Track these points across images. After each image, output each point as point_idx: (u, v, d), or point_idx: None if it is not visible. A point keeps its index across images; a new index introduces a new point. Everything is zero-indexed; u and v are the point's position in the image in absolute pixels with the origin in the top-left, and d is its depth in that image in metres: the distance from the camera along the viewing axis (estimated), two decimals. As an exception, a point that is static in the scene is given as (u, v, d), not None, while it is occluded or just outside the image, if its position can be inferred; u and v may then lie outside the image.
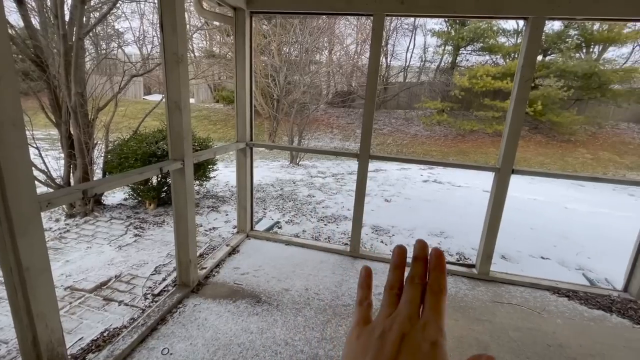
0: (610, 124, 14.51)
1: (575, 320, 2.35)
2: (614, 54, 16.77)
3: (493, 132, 13.83)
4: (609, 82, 13.67)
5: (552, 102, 13.55)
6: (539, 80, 15.11)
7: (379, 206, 5.09)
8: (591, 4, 2.36)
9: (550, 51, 15.79)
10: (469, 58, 17.94)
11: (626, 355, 2.04)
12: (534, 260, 3.49)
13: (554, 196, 6.37)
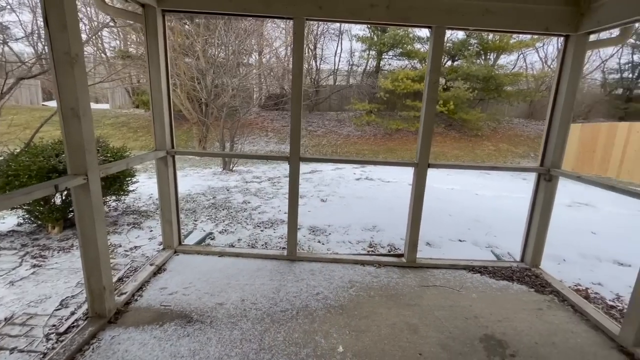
0: (506, 120, 17.06)
1: (486, 293, 2.68)
2: (505, 60, 19.73)
3: (416, 130, 15.15)
4: (502, 85, 16.04)
5: (461, 102, 15.35)
6: (450, 82, 17.05)
7: (315, 207, 5.17)
8: (480, 17, 2.73)
9: (457, 57, 17.90)
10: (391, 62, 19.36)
11: (525, 315, 2.39)
12: (452, 243, 3.90)
13: (467, 185, 7.23)
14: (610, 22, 2.46)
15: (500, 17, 2.72)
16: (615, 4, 2.39)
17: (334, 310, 2.36)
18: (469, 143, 14.92)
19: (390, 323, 2.25)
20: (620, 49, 17.93)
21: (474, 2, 2.70)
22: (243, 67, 11.76)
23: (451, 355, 1.98)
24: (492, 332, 2.20)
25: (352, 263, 3.08)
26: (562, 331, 2.24)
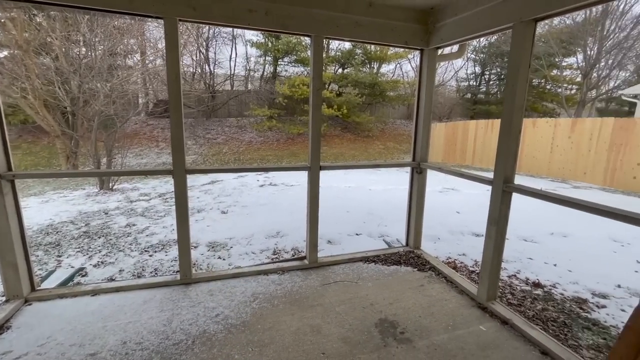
0: (391, 121, 19.41)
1: (380, 280, 2.93)
2: (386, 69, 22.48)
3: (315, 133, 15.87)
4: (385, 90, 18.21)
5: (353, 106, 16.76)
6: (342, 89, 18.46)
7: (215, 220, 4.85)
8: (353, 28, 2.97)
9: (346, 65, 19.51)
10: (287, 68, 19.84)
11: (411, 294, 2.70)
12: (351, 238, 4.18)
13: (361, 182, 7.92)
14: (450, 39, 2.98)
15: (369, 30, 3.02)
16: (452, 25, 2.92)
17: (235, 329, 2.22)
18: (363, 143, 16.42)
19: (294, 329, 2.24)
20: (466, 62, 22.48)
21: (347, 15, 2.93)
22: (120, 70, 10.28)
23: (351, 347, 2.08)
24: (385, 315, 2.41)
25: (255, 274, 2.98)
26: (438, 301, 2.61)
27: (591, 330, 2.42)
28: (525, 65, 2.29)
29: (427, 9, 3.10)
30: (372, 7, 2.96)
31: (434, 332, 2.23)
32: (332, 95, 16.39)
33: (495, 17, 2.45)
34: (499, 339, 2.18)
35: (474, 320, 2.37)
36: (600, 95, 18.65)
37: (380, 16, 3.00)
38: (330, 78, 17.83)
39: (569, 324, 2.48)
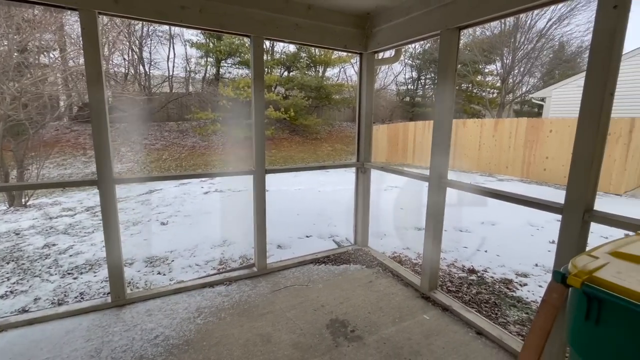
0: (337, 124, 19.89)
1: (330, 280, 2.95)
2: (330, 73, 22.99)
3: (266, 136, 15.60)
4: (331, 93, 18.61)
5: (300, 109, 16.83)
6: (289, 91, 18.45)
7: (153, 233, 4.47)
8: (292, 30, 2.96)
9: (292, 69, 19.54)
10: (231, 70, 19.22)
11: (360, 291, 2.76)
12: (301, 240, 4.16)
13: (311, 184, 7.96)
14: (386, 44, 3.12)
15: (308, 33, 3.03)
16: (387, 31, 3.06)
17: (178, 350, 2.05)
18: (312, 145, 16.56)
19: (243, 341, 2.13)
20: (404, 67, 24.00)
21: (286, 16, 2.91)
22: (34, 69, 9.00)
23: (303, 352, 2.04)
24: (336, 315, 2.42)
25: (199, 288, 2.79)
26: (386, 295, 2.71)
27: (516, 307, 2.71)
28: (452, 69, 2.48)
29: (364, 14, 3.21)
30: (311, 10, 2.98)
31: (383, 326, 2.30)
32: (279, 98, 16.27)
33: (425, 25, 2.62)
34: (440, 325, 2.32)
35: (418, 310, 2.50)
36: (516, 98, 21.25)
37: (319, 19, 3.03)
38: (276, 81, 17.69)
39: (498, 304, 2.75)
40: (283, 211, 5.38)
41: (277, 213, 5.23)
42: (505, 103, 20.25)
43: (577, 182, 1.74)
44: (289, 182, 7.99)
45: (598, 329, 1.05)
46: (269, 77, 16.92)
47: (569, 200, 1.77)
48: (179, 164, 12.66)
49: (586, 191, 1.71)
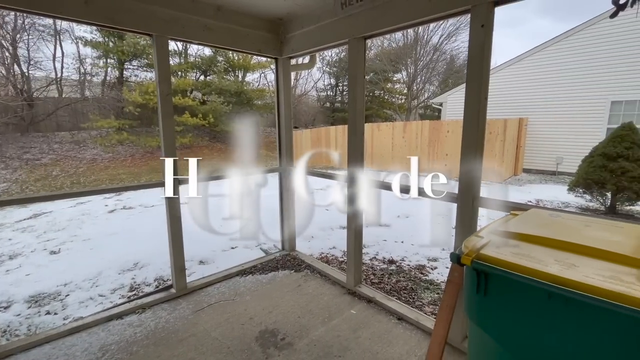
0: (260, 129, 19.63)
1: (258, 290, 2.85)
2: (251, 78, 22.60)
3: (180, 145, 14.43)
4: (252, 99, 18.26)
5: (220, 115, 16.10)
6: (206, 96, 17.48)
7: (40, 265, 3.71)
8: (201, 32, 2.79)
9: (208, 72, 18.58)
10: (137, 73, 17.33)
11: (289, 296, 2.73)
12: (225, 253, 3.94)
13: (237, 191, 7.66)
14: (300, 50, 3.18)
15: (219, 35, 2.90)
16: (301, 37, 3.12)
17: (75, 401, 1.72)
18: (235, 153, 15.97)
19: (161, 373, 1.91)
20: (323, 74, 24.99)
21: (194, 16, 2.73)
22: None
23: (231, 371, 1.92)
24: (265, 326, 2.35)
25: (104, 322, 2.40)
26: (315, 296, 2.74)
27: (429, 289, 3.02)
28: (361, 75, 2.65)
29: (277, 20, 3.22)
30: (220, 12, 2.86)
31: (313, 328, 2.31)
32: (195, 103, 15.28)
33: (335, 33, 2.75)
34: (366, 317, 2.44)
35: (346, 306, 2.59)
36: (420, 103, 23.98)
37: (230, 21, 2.93)
38: (191, 85, 16.59)
39: (415, 289, 3.03)
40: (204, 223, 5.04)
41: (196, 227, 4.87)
42: (412, 108, 22.70)
43: (466, 174, 2.02)
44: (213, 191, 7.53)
45: (486, 298, 1.22)
46: (183, 81, 15.80)
47: (461, 190, 2.04)
48: (75, 181, 10.86)
49: (473, 181, 2.00)
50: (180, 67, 16.89)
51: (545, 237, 1.27)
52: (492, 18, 1.89)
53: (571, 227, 1.38)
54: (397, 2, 2.24)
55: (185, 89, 16.11)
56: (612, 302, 0.91)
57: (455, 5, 1.97)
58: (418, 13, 2.15)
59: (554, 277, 1.03)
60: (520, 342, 1.14)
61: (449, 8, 2.00)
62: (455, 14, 2.06)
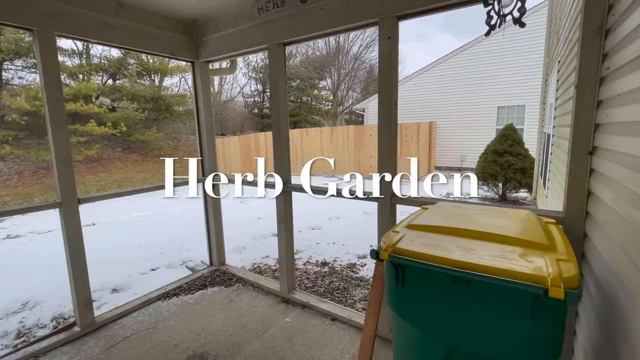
0: (183, 137, 18.27)
1: (184, 313, 2.61)
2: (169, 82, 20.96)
3: (84, 158, 12.59)
4: (172, 105, 16.92)
5: (134, 123, 14.53)
6: (116, 103, 15.60)
7: None
8: (99, 29, 2.47)
9: (118, 76, 16.64)
10: (22, 75, 14.60)
11: (220, 314, 2.57)
12: (145, 277, 3.53)
13: (157, 206, 6.96)
14: (218, 54, 3.04)
15: (123, 35, 2.61)
16: (218, 40, 2.99)
17: None
18: (154, 164, 14.55)
19: None
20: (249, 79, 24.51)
21: (90, 12, 2.41)
22: None
23: (152, 410, 1.71)
24: (193, 351, 2.16)
25: (-23, 382, 1.93)
26: (248, 310, 2.62)
27: (360, 286, 3.15)
28: (282, 81, 2.65)
29: (190, 22, 3.04)
30: (123, 9, 2.58)
31: (246, 343, 2.21)
32: (102, 110, 13.52)
33: (253, 38, 2.70)
34: (301, 323, 2.42)
35: (280, 315, 2.53)
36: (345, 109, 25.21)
37: (136, 21, 2.67)
38: (96, 90, 14.67)
39: (347, 287, 3.13)
40: (118, 247, 4.45)
41: (111, 250, 4.28)
42: (338, 113, 23.73)
43: (382, 172, 2.16)
44: (127, 210, 6.72)
45: (404, 289, 1.31)
46: (86, 85, 13.86)
47: (381, 189, 2.18)
48: None
49: (389, 182, 2.15)
50: (82, 69, 14.81)
51: (449, 226, 1.42)
52: (397, 31, 2.07)
53: (469, 216, 1.58)
54: (313, 11, 2.31)
55: (89, 94, 14.16)
56: (499, 278, 1.05)
57: (365, 17, 2.11)
58: (332, 22, 2.25)
59: (456, 262, 1.15)
60: (435, 324, 1.25)
61: (359, 20, 2.13)
62: (365, 25, 2.21)
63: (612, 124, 1.31)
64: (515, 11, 1.38)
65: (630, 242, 1.07)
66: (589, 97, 1.50)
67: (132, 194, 2.78)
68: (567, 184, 1.61)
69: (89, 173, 12.35)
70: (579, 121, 1.54)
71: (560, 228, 1.47)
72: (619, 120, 1.23)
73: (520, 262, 1.11)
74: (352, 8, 2.13)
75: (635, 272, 1.02)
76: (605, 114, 1.39)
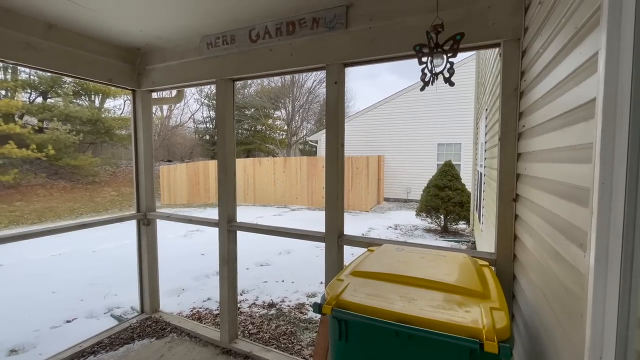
0: (124, 163, 16.89)
1: (102, 375, 2.23)
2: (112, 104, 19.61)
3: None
4: (113, 128, 15.71)
5: (65, 146, 13.15)
6: (45, 123, 14.05)
7: None
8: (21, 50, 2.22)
9: (50, 94, 15.14)
10: None
11: (147, 375, 2.23)
12: (57, 330, 2.99)
13: (83, 243, 6.13)
14: (162, 84, 2.90)
15: (51, 58, 2.38)
16: (163, 71, 2.86)
17: None
18: (86, 192, 13.11)
19: None
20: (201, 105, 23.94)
21: (8, 30, 2.16)
22: None
23: None
24: None
25: None
26: (181, 367, 2.32)
27: (308, 329, 3.01)
28: (230, 115, 2.59)
29: (133, 49, 2.89)
30: (53, 30, 2.37)
31: (176, 410, 1.92)
32: (26, 131, 12.05)
33: (201, 71, 2.63)
34: (242, 379, 2.19)
35: (219, 370, 2.28)
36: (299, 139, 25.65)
37: (68, 44, 2.46)
38: (20, 108, 13.12)
39: (294, 332, 2.96)
40: (24, 294, 3.77)
41: (16, 299, 3.61)
42: (292, 143, 24.02)
43: (329, 212, 2.14)
44: (43, 247, 5.81)
45: (348, 344, 1.25)
46: (8, 102, 12.35)
47: (328, 228, 2.15)
48: None
49: (337, 218, 2.14)
50: (4, 84, 13.23)
51: (392, 273, 1.42)
52: (344, 76, 2.16)
53: (411, 261, 1.60)
54: (263, 51, 2.33)
55: (11, 112, 12.60)
56: (440, 333, 1.05)
57: (313, 62, 2.17)
58: (281, 64, 2.28)
59: (399, 314, 1.13)
60: (380, 382, 1.19)
61: (308, 64, 2.20)
62: (313, 69, 2.28)
63: (529, 177, 1.46)
64: (446, 72, 1.52)
65: (547, 287, 1.15)
66: (511, 149, 1.67)
67: (47, 234, 2.39)
68: (497, 227, 1.73)
69: (1, 202, 10.66)
70: (504, 169, 1.70)
71: (493, 270, 1.55)
72: (534, 175, 1.37)
73: (459, 313, 1.13)
74: (301, 52, 2.20)
75: (551, 313, 1.09)
76: (524, 166, 1.55)
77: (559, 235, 1.03)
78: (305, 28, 2.14)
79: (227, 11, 2.15)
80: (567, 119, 1.01)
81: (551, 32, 1.16)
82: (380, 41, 1.95)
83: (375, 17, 1.97)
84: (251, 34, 2.32)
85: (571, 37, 0.96)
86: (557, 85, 1.09)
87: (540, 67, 1.29)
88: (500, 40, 1.68)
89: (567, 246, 0.95)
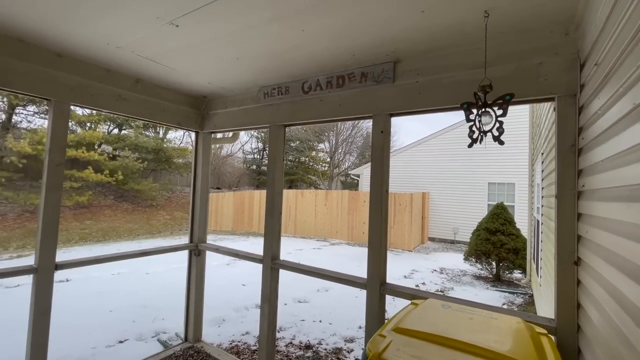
0: (179, 189, 18.34)
1: (146, 402, 2.33)
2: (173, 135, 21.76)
3: (74, 204, 12.43)
4: (172, 157, 17.33)
5: (131, 172, 14.70)
6: (118, 151, 15.98)
7: None
8: (114, 101, 2.64)
9: (124, 126, 17.32)
10: (32, 119, 15.15)
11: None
12: (111, 350, 3.21)
13: (137, 264, 6.63)
14: (222, 127, 3.23)
15: (134, 106, 2.78)
16: (224, 116, 3.18)
17: None
18: (144, 214, 14.34)
19: None
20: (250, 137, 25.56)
21: (107, 86, 2.60)
22: None
23: None
24: None
25: None
26: (218, 404, 2.35)
27: (345, 378, 2.88)
28: (280, 158, 2.77)
29: (200, 97, 3.28)
30: (139, 84, 2.80)
31: None
32: (103, 158, 13.76)
33: (257, 117, 2.89)
34: None
35: (254, 413, 2.26)
36: (341, 172, 25.93)
37: (150, 95, 2.88)
38: (100, 138, 15.10)
39: (331, 379, 2.86)
40: (89, 310, 4.14)
41: (80, 313, 3.97)
42: (334, 175, 24.34)
43: (372, 258, 2.13)
44: (105, 265, 6.39)
45: (390, 408, 1.21)
46: (91, 133, 14.31)
47: (370, 275, 2.13)
48: None
49: (380, 266, 2.12)
50: (90, 119, 15.43)
51: (437, 334, 1.36)
52: (389, 126, 2.24)
53: (458, 322, 1.52)
54: (313, 101, 2.52)
55: (93, 142, 14.55)
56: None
57: (360, 112, 2.30)
58: (330, 113, 2.44)
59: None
60: None
61: (355, 114, 2.32)
62: (360, 117, 2.40)
63: (592, 242, 1.35)
64: (495, 130, 1.52)
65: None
66: (570, 209, 1.56)
67: (113, 260, 2.67)
68: (556, 291, 1.59)
69: (75, 219, 12.05)
70: (562, 229, 1.59)
71: (553, 341, 1.42)
72: (597, 242, 1.27)
73: (511, 392, 1.05)
74: (349, 103, 2.34)
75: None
76: (585, 229, 1.44)
77: (627, 319, 0.94)
78: (354, 81, 2.30)
79: (282, 69, 2.39)
80: (633, 192, 0.95)
81: (612, 94, 1.12)
82: (427, 94, 2.02)
83: (422, 72, 2.05)
84: (304, 86, 2.54)
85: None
86: (622, 152, 1.02)
87: (602, 129, 1.23)
88: (554, 96, 1.66)
89: (637, 334, 0.86)
